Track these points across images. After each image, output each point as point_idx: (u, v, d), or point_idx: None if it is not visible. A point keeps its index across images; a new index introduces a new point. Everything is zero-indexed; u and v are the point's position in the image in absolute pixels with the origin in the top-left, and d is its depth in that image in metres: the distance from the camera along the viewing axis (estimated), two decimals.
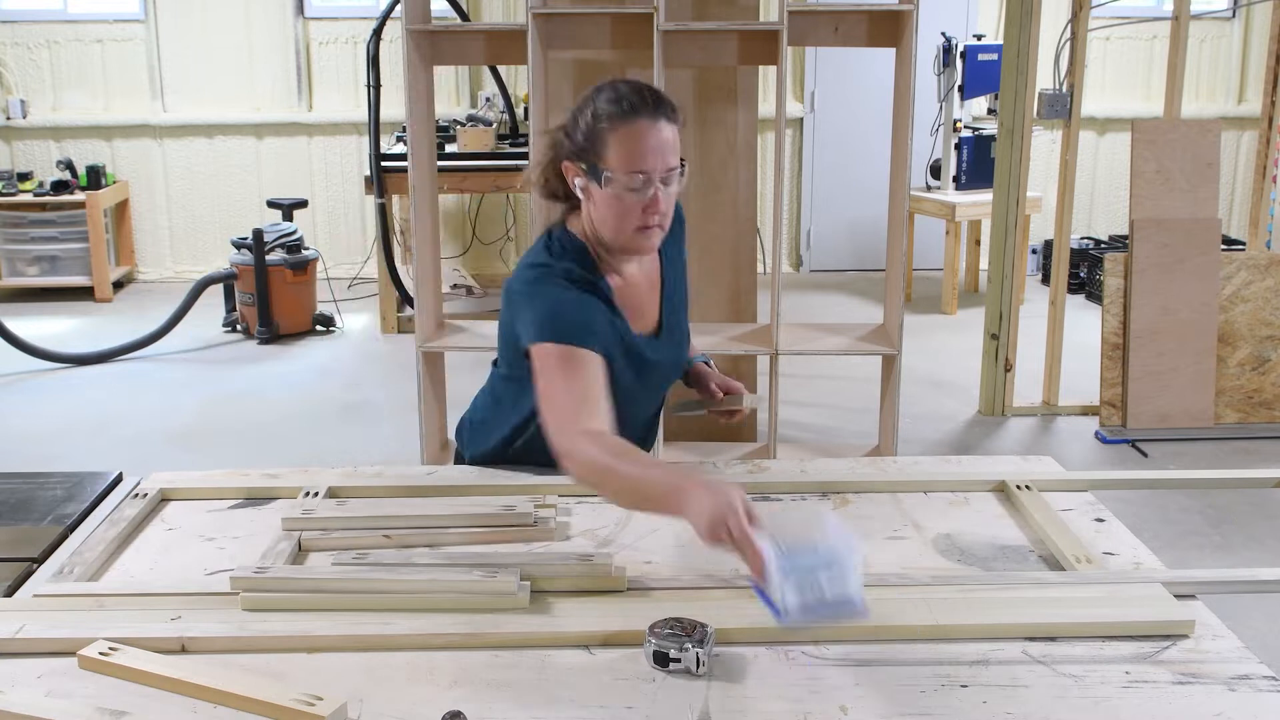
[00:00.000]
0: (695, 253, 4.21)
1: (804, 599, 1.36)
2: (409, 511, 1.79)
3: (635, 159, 1.79)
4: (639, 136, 1.79)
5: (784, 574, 1.36)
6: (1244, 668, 1.36)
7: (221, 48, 7.43)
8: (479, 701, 1.30)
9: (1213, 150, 4.68)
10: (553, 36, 3.86)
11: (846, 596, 1.37)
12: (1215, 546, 3.69)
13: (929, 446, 4.63)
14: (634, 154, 1.79)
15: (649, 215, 1.82)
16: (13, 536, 1.78)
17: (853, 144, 7.65)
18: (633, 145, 1.79)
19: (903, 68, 3.69)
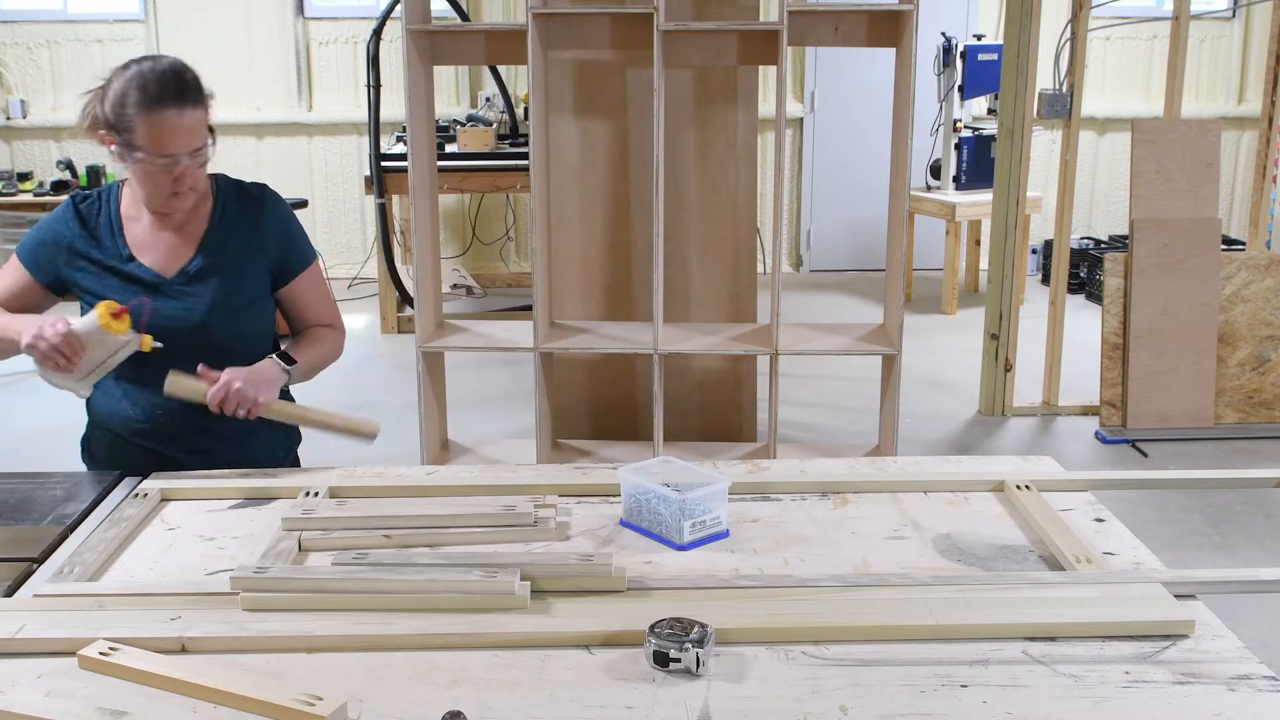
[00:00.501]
0: (695, 252, 4.21)
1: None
2: (409, 511, 1.79)
3: (163, 144, 2.00)
4: (165, 124, 1.99)
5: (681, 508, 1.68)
6: (1244, 668, 1.36)
7: (221, 48, 7.43)
8: (479, 701, 1.30)
9: (1213, 150, 4.68)
10: (553, 36, 3.86)
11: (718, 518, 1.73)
12: (1215, 546, 3.69)
13: (929, 446, 4.63)
14: (161, 139, 2.00)
15: (179, 185, 2.06)
16: (13, 536, 1.78)
17: (853, 144, 7.65)
18: (160, 132, 1.99)
19: (903, 68, 3.69)
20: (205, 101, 2.06)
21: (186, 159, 2.04)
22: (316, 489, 1.92)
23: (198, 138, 2.04)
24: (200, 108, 2.04)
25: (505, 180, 6.20)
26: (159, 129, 1.99)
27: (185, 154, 2.03)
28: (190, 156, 2.04)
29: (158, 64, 2.04)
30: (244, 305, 2.20)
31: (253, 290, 2.21)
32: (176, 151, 2.02)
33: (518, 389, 5.20)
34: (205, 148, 2.07)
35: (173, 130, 2.00)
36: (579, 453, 4.10)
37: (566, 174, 4.14)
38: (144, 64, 2.04)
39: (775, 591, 1.54)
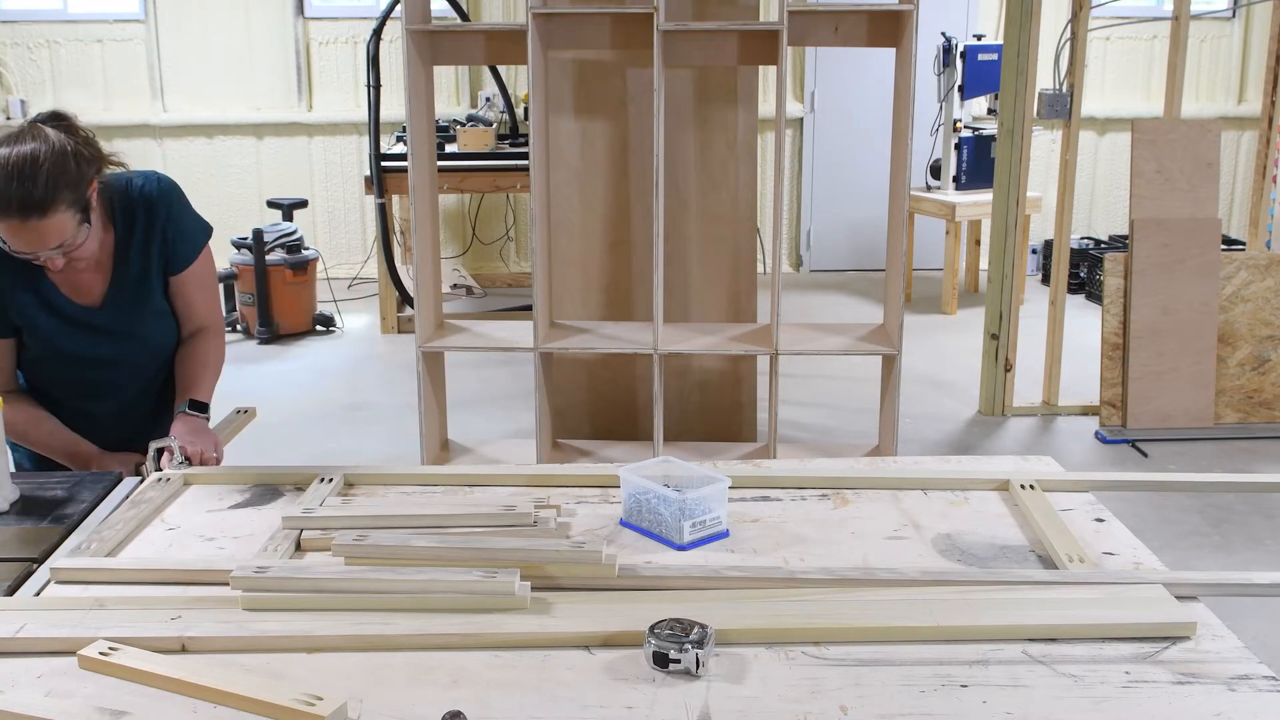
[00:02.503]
0: (695, 252, 4.21)
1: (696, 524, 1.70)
2: (409, 511, 1.79)
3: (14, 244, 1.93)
4: (11, 233, 1.91)
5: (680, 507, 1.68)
6: (1244, 668, 1.36)
7: (221, 48, 7.43)
8: (479, 701, 1.30)
9: (1213, 150, 4.69)
10: (553, 36, 3.86)
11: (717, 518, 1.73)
12: (1215, 547, 3.69)
13: (929, 446, 4.63)
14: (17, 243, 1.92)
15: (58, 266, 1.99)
16: (13, 536, 1.78)
17: (853, 144, 7.65)
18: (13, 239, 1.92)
19: (903, 68, 3.69)
20: (61, 202, 1.89)
21: (50, 253, 1.95)
22: (331, 475, 1.95)
23: (53, 237, 1.92)
24: (48, 215, 1.88)
25: (505, 180, 6.20)
26: (10, 235, 1.91)
27: (45, 251, 1.94)
28: (57, 251, 1.95)
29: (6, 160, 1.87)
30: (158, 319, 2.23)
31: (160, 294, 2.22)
32: (28, 252, 1.94)
33: (518, 389, 5.20)
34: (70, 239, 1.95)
35: (18, 237, 1.91)
36: (579, 453, 4.10)
37: (566, 174, 4.14)
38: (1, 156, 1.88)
39: (775, 591, 1.54)
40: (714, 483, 1.75)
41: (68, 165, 1.92)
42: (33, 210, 1.88)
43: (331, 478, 1.95)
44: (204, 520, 1.84)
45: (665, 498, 1.71)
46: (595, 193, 4.16)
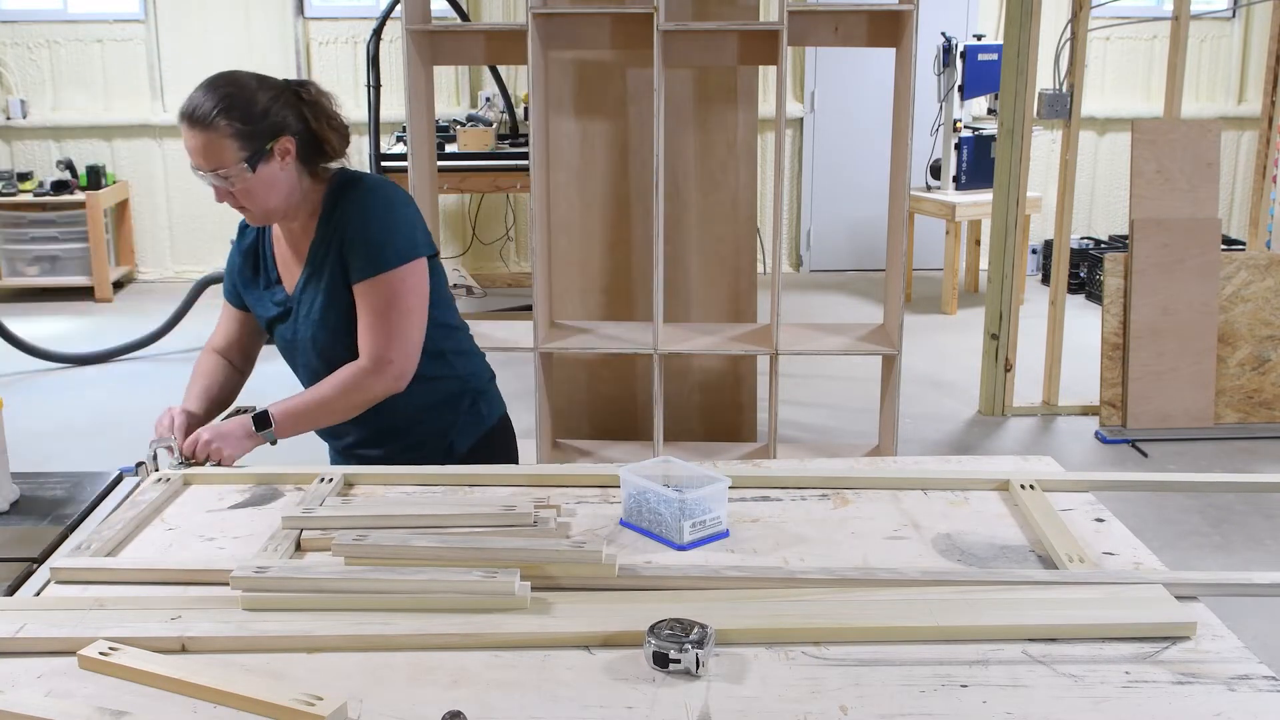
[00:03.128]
0: (695, 252, 4.21)
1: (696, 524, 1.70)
2: (409, 511, 1.79)
3: (190, 156, 2.00)
4: (185, 139, 1.99)
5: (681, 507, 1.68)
6: (1244, 668, 1.36)
7: (221, 48, 7.43)
8: (479, 701, 1.30)
9: (1213, 150, 4.69)
10: (553, 36, 3.86)
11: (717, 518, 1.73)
12: (1215, 547, 3.69)
13: (929, 446, 4.63)
14: (188, 153, 2.00)
15: (227, 200, 2.04)
16: (13, 536, 1.78)
17: (853, 144, 7.65)
18: (185, 146, 2.00)
19: (903, 68, 3.69)
20: (217, 125, 1.95)
21: (212, 178, 1.99)
22: (332, 475, 1.95)
23: (211, 159, 1.96)
24: (208, 130, 1.95)
25: (505, 180, 6.21)
26: (184, 142, 2.00)
27: (206, 172, 1.98)
28: (215, 176, 1.98)
29: (211, 80, 2.00)
30: (341, 320, 2.09)
31: (343, 303, 2.08)
32: (198, 168, 1.99)
33: (518, 389, 5.20)
34: (228, 170, 1.97)
35: (188, 146, 1.99)
36: (579, 453, 4.10)
37: (566, 174, 4.14)
38: (210, 79, 2.01)
39: (775, 591, 1.54)
40: (714, 483, 1.75)
41: (251, 100, 1.98)
42: (195, 119, 1.95)
43: (331, 478, 1.95)
44: (204, 520, 1.84)
45: (665, 498, 1.71)
46: (595, 193, 4.16)
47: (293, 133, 2.03)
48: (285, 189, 2.06)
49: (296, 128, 2.04)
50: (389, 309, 2.04)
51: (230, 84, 1.99)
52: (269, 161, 2.01)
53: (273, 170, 2.02)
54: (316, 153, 2.10)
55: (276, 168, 2.02)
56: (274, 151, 2.01)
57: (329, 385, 2.08)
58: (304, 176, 2.09)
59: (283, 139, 2.02)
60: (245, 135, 1.97)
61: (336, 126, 2.12)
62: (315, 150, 2.09)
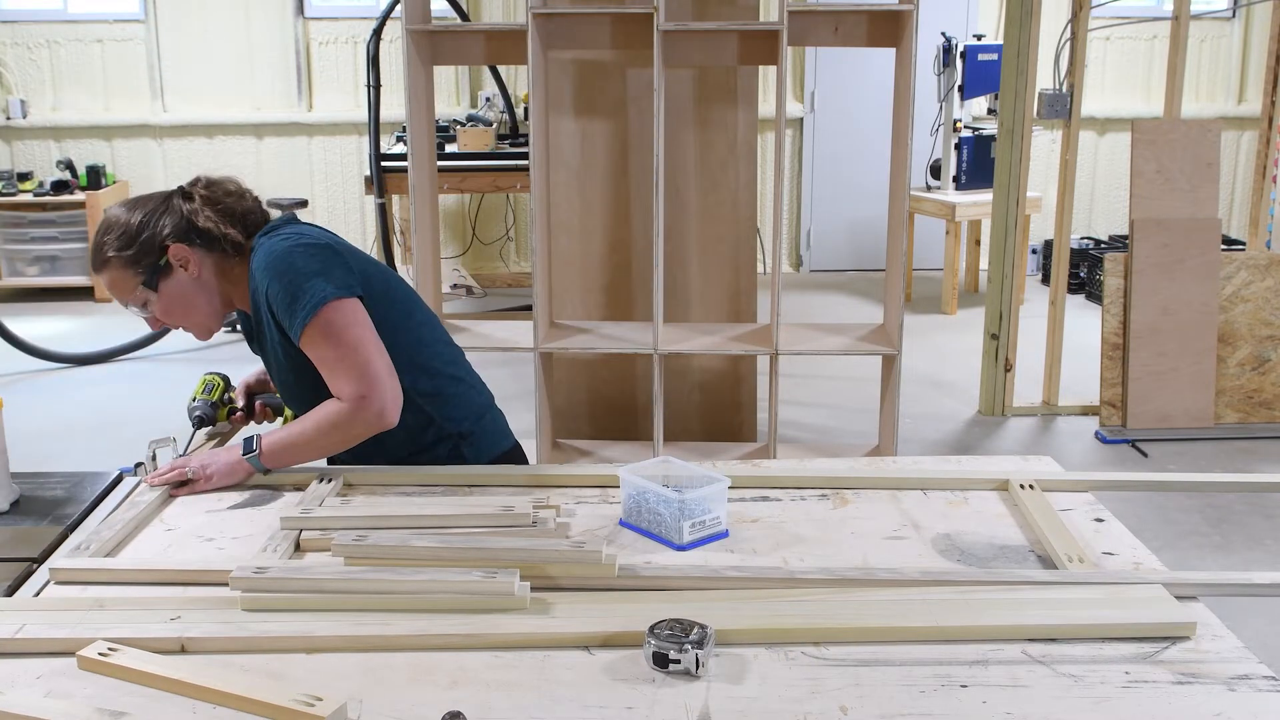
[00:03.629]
0: (695, 252, 4.21)
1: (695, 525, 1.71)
2: (408, 511, 1.79)
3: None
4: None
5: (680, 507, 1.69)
6: (1244, 668, 1.36)
7: (221, 48, 7.43)
8: (479, 701, 1.30)
9: (1213, 150, 4.68)
10: (553, 36, 3.86)
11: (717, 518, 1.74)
12: (1215, 547, 3.69)
13: (929, 446, 4.63)
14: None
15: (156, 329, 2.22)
16: (13, 536, 1.78)
17: (853, 144, 7.65)
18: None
19: (903, 68, 3.69)
20: (108, 261, 2.01)
21: (133, 311, 2.08)
22: (331, 475, 1.95)
23: (120, 293, 2.04)
24: (104, 270, 2.03)
25: (505, 180, 6.20)
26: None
27: (126, 307, 2.08)
28: (133, 308, 2.07)
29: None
30: (300, 375, 2.05)
31: (289, 354, 2.04)
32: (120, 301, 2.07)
33: (518, 389, 5.20)
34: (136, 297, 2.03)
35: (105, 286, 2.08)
36: (579, 453, 4.10)
37: (566, 174, 4.14)
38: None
39: (775, 592, 1.54)
40: (714, 483, 1.75)
41: (125, 227, 2.01)
42: (93, 266, 2.07)
43: (331, 478, 1.95)
44: (203, 521, 1.84)
45: (665, 498, 1.71)
46: (595, 193, 4.16)
47: (180, 238, 2.01)
48: (206, 293, 2.06)
49: (184, 231, 2.01)
50: (336, 354, 1.95)
51: (106, 222, 2.04)
52: (170, 275, 2.02)
53: (179, 281, 2.03)
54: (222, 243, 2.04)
55: (183, 278, 2.03)
56: (170, 265, 2.01)
57: (311, 421, 2.00)
58: (233, 265, 2.06)
59: (171, 249, 2.00)
60: (132, 261, 2.00)
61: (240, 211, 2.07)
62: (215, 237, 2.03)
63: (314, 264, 1.96)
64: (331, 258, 1.99)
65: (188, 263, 2.02)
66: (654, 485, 1.74)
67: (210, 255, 2.04)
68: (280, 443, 1.99)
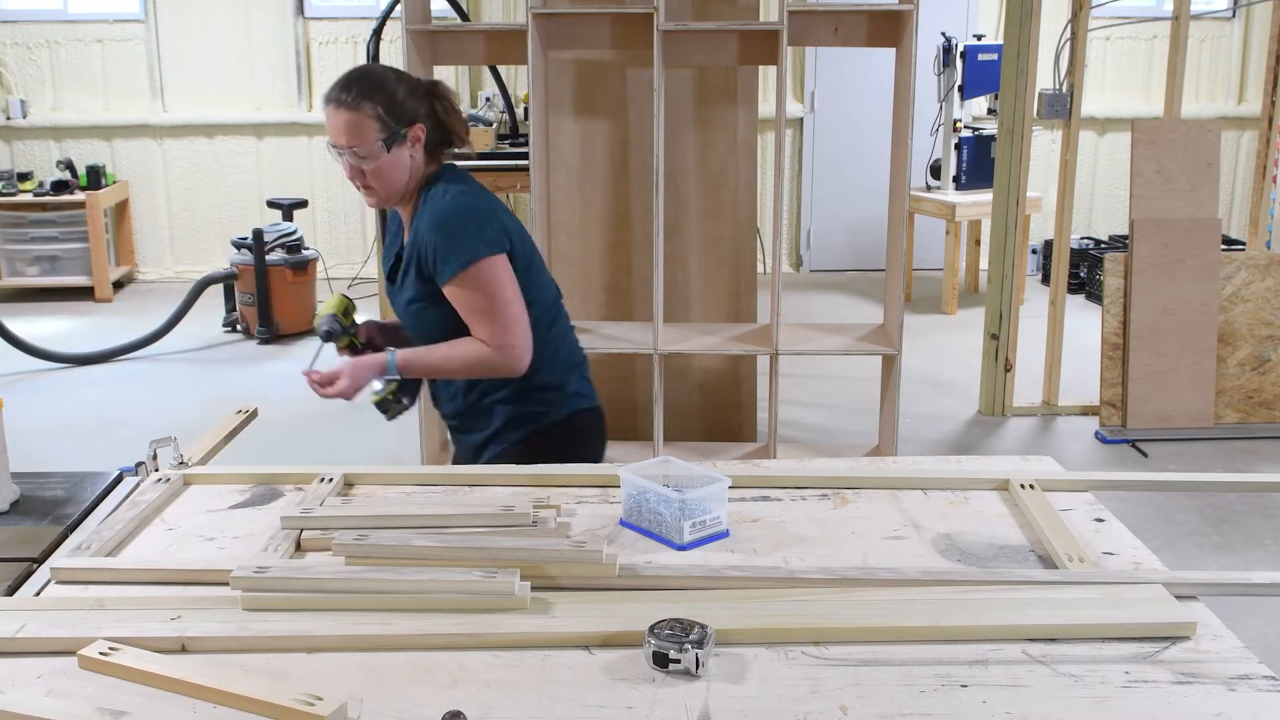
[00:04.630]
0: (695, 252, 4.21)
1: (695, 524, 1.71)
2: (408, 511, 1.79)
3: (330, 135, 2.22)
4: (328, 118, 2.20)
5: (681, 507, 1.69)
6: (1244, 668, 1.36)
7: (221, 48, 7.43)
8: (479, 701, 1.30)
9: (1213, 150, 4.68)
10: (553, 36, 3.86)
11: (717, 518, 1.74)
12: (1215, 547, 3.69)
13: (929, 446, 4.63)
14: (329, 131, 2.21)
15: (356, 179, 2.22)
16: (13, 536, 1.78)
17: (853, 144, 7.65)
18: (327, 124, 2.21)
19: (903, 68, 3.69)
20: (362, 105, 2.15)
21: (348, 155, 2.17)
22: (332, 475, 1.95)
23: (351, 136, 2.16)
24: (353, 109, 2.15)
25: (505, 180, 6.20)
26: (326, 120, 2.20)
27: (344, 149, 2.17)
28: (351, 154, 2.17)
29: (359, 68, 2.24)
30: (421, 310, 2.27)
31: (422, 294, 2.26)
32: (336, 144, 2.18)
33: None
34: (363, 149, 2.16)
35: (330, 124, 2.18)
36: None
37: (566, 174, 4.14)
38: (357, 67, 2.25)
39: (775, 591, 1.54)
40: (714, 483, 1.75)
41: (388, 88, 2.18)
42: (341, 98, 2.17)
43: (331, 478, 1.95)
44: (204, 520, 1.84)
45: (665, 498, 1.71)
46: (595, 193, 4.16)
47: (424, 121, 2.22)
48: (408, 172, 2.24)
49: (427, 118, 2.23)
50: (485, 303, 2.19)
51: (374, 74, 2.21)
52: (401, 145, 2.20)
53: (403, 154, 2.21)
54: (442, 142, 2.28)
55: (406, 152, 2.21)
56: (407, 137, 2.20)
57: (456, 351, 2.22)
58: (427, 162, 2.27)
59: (415, 126, 2.21)
60: (385, 118, 2.17)
61: (460, 127, 2.30)
62: (442, 140, 2.27)
63: (474, 222, 2.20)
64: (488, 218, 2.22)
65: (418, 142, 2.22)
66: (654, 485, 1.74)
67: (426, 148, 2.25)
68: (419, 356, 2.24)
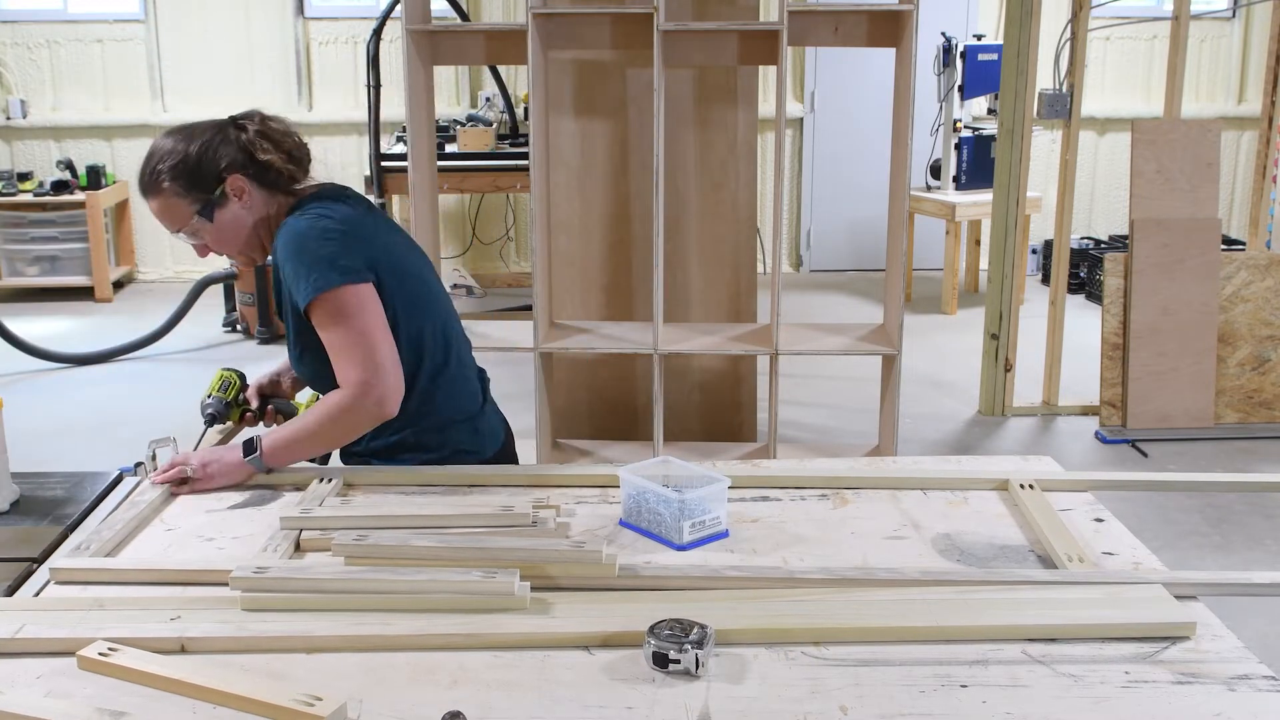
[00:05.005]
0: (695, 252, 4.21)
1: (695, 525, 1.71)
2: (408, 511, 1.79)
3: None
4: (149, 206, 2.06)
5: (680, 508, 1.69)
6: (1244, 668, 1.36)
7: (221, 48, 7.43)
8: (479, 701, 1.30)
9: (1213, 150, 4.68)
10: (553, 36, 3.85)
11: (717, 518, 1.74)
12: (1215, 547, 3.69)
13: (929, 446, 4.63)
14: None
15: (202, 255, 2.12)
16: (13, 536, 1.78)
17: (853, 144, 7.65)
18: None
19: (903, 68, 3.69)
20: (160, 189, 1.99)
21: (183, 237, 2.05)
22: (331, 475, 1.95)
23: (169, 221, 2.03)
24: (154, 197, 2.00)
25: (505, 180, 6.21)
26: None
27: (174, 234, 2.06)
28: (184, 236, 2.04)
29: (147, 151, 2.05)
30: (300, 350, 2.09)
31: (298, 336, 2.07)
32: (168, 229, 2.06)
33: (518, 389, 5.20)
34: (189, 227, 2.02)
35: (153, 214, 2.05)
36: (579, 453, 4.10)
37: (566, 174, 4.14)
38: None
39: (775, 591, 1.54)
40: (713, 483, 1.75)
41: (177, 158, 1.99)
42: (143, 190, 2.03)
43: (331, 478, 1.95)
44: (203, 520, 1.84)
45: (665, 498, 1.71)
46: (595, 193, 4.16)
47: (239, 169, 2.01)
48: (249, 225, 2.06)
49: (242, 163, 2.01)
50: (336, 340, 1.96)
51: (159, 150, 2.00)
52: (225, 205, 2.02)
53: (233, 211, 2.03)
54: (277, 174, 2.05)
55: (236, 207, 2.03)
56: (226, 194, 2.01)
57: (313, 414, 2.01)
58: (275, 200, 2.07)
59: (230, 180, 2.00)
60: (187, 190, 1.99)
61: (289, 148, 2.07)
62: (272, 172, 2.04)
63: (327, 248, 1.96)
64: (348, 243, 1.98)
65: (243, 193, 2.02)
66: (654, 485, 1.74)
67: (262, 189, 2.05)
68: (282, 440, 1.98)
